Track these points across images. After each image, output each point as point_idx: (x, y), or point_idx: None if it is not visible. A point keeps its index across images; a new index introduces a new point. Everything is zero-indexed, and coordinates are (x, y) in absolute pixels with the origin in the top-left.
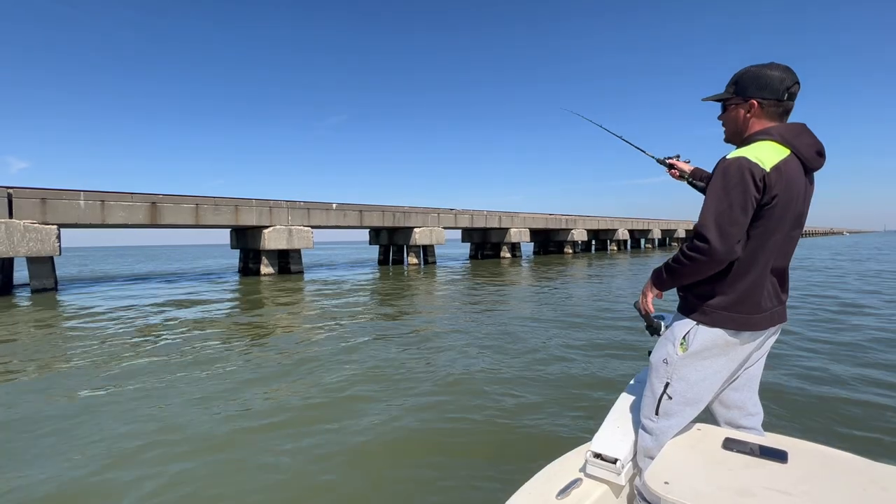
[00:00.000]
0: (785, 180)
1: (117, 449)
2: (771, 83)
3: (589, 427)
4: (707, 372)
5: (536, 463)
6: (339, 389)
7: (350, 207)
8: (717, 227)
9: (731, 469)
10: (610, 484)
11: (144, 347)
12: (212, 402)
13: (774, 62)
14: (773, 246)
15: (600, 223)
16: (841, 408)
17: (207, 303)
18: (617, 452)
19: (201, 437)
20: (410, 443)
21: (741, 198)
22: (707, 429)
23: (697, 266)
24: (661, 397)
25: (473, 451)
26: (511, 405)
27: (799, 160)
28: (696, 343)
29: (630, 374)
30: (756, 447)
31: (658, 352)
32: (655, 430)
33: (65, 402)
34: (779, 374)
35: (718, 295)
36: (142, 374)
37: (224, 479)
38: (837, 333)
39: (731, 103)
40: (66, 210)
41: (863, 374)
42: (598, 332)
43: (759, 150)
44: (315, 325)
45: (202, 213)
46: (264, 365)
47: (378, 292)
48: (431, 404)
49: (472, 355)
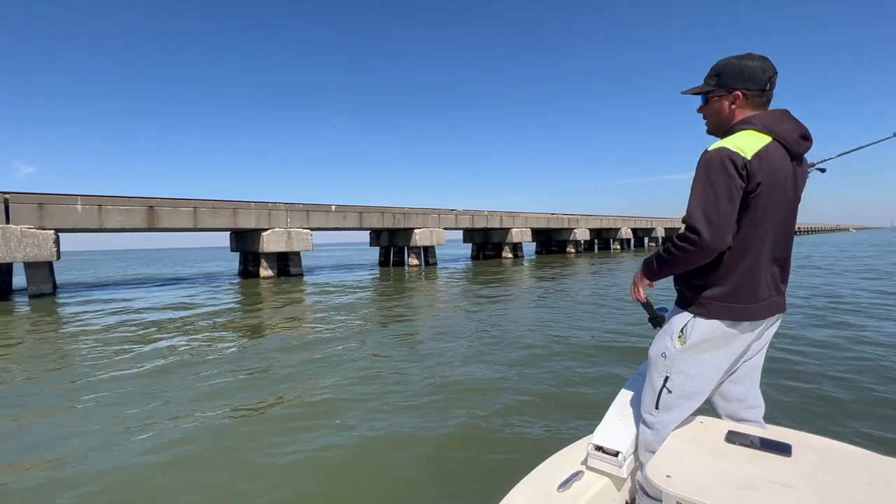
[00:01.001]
0: (767, 167)
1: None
2: (754, 73)
3: (587, 426)
4: (706, 365)
5: (537, 458)
6: (333, 390)
7: (349, 209)
8: (706, 218)
9: (734, 462)
10: (611, 477)
11: (132, 353)
12: (198, 405)
13: (751, 53)
14: (764, 234)
15: (603, 222)
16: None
17: (201, 306)
18: (618, 445)
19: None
20: (408, 441)
21: (726, 188)
22: (709, 422)
23: (688, 256)
24: (661, 391)
25: (473, 448)
26: (505, 406)
27: (782, 146)
28: (693, 336)
29: (631, 370)
30: (759, 440)
31: (656, 346)
32: (656, 425)
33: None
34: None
35: (714, 286)
36: (126, 381)
37: (203, 481)
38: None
39: (714, 95)
40: (63, 215)
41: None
42: (597, 332)
43: (740, 140)
44: (308, 328)
45: (200, 217)
46: (245, 369)
47: (372, 295)
48: (424, 405)
49: (464, 358)
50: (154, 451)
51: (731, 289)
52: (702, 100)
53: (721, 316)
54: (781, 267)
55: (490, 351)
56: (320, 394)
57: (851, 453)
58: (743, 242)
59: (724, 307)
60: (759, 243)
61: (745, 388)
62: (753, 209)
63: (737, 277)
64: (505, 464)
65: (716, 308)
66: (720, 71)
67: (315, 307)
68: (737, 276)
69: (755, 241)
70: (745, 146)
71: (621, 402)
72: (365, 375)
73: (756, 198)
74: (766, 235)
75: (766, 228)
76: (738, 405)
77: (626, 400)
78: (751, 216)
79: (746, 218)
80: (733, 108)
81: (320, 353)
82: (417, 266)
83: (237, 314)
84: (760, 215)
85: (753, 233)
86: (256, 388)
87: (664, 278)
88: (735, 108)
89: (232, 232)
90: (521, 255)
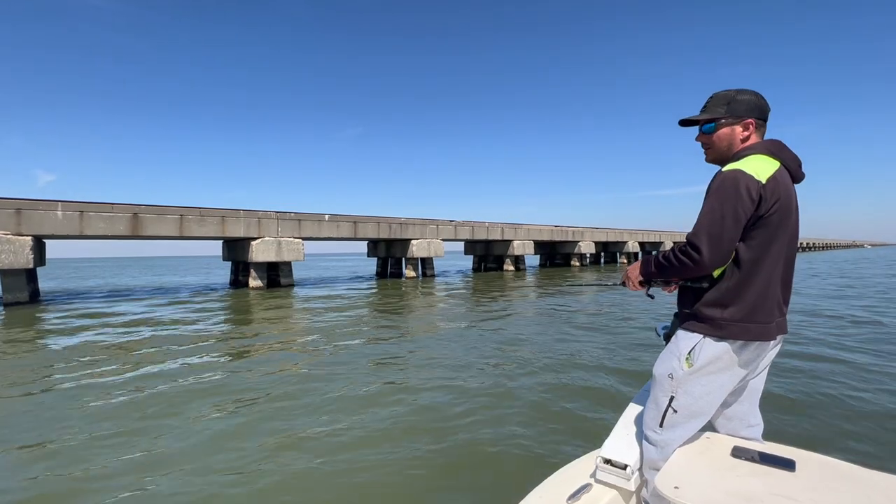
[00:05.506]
0: (781, 190)
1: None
2: (760, 105)
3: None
4: (713, 386)
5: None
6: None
7: (343, 218)
8: (709, 238)
9: (740, 476)
10: (619, 489)
11: (93, 369)
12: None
13: (744, 89)
14: (777, 254)
15: (609, 235)
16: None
17: (172, 325)
18: (626, 458)
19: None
20: (414, 460)
21: (734, 210)
22: (716, 437)
23: (685, 270)
24: (666, 411)
25: (479, 463)
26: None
27: (787, 172)
28: (701, 358)
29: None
30: (764, 455)
31: (662, 365)
32: (660, 443)
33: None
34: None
35: (730, 306)
36: (85, 397)
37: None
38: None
39: (724, 122)
40: (42, 221)
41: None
42: (596, 348)
43: (755, 163)
44: (285, 343)
45: (186, 225)
46: (218, 392)
47: (360, 308)
48: (412, 424)
49: (451, 374)
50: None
51: (749, 309)
52: (705, 129)
53: (737, 336)
54: (786, 288)
55: (460, 386)
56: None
57: (852, 470)
58: (756, 262)
59: (742, 328)
60: (773, 264)
61: (745, 407)
62: (766, 230)
63: (753, 298)
64: (513, 479)
65: (733, 329)
66: (730, 100)
67: (294, 321)
68: (753, 297)
69: (769, 262)
70: (760, 170)
71: (629, 416)
72: (322, 406)
73: (769, 219)
74: (780, 256)
75: (779, 249)
76: (739, 423)
77: (633, 414)
78: (763, 237)
79: (759, 238)
80: (746, 134)
81: (286, 374)
82: (415, 278)
83: (213, 327)
84: (772, 235)
85: (766, 253)
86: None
87: (656, 279)
88: (747, 134)
89: (224, 241)
90: (523, 268)
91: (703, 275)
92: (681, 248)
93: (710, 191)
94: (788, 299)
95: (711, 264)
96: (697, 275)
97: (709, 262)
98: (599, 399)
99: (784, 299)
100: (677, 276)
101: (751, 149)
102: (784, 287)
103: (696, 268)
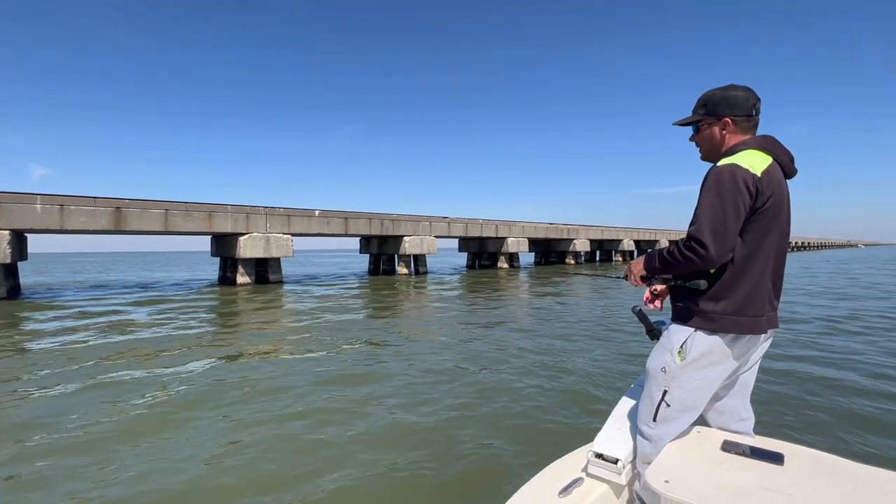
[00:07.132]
0: (775, 184)
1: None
2: (739, 101)
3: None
4: (705, 380)
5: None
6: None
7: (334, 214)
8: (713, 233)
9: (730, 470)
10: (611, 484)
11: (67, 369)
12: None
13: (734, 84)
14: (768, 248)
15: (604, 233)
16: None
17: (162, 312)
18: (618, 453)
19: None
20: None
21: (735, 203)
22: (706, 431)
23: (690, 265)
24: (660, 405)
25: (470, 461)
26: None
27: (780, 167)
28: (693, 351)
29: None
30: (753, 449)
31: (655, 360)
32: (653, 437)
33: None
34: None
35: (722, 300)
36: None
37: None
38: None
39: (705, 123)
40: (20, 214)
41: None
42: (589, 348)
43: (749, 157)
44: (262, 343)
45: (171, 220)
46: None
47: (349, 307)
48: (402, 425)
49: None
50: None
51: (741, 303)
52: (693, 130)
53: (729, 330)
54: (777, 282)
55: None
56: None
57: (841, 463)
58: (751, 256)
59: (734, 321)
60: (765, 257)
61: (737, 400)
62: (760, 224)
63: (745, 291)
64: (505, 473)
65: (725, 322)
66: (707, 101)
67: (277, 319)
68: (745, 290)
69: (761, 256)
70: (754, 164)
71: (621, 410)
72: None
73: (763, 213)
74: (771, 250)
75: (771, 242)
76: (730, 417)
77: (625, 409)
78: (757, 231)
79: (755, 232)
80: (724, 133)
81: (261, 374)
82: (407, 275)
83: (196, 325)
84: (765, 229)
85: (759, 247)
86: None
87: (659, 275)
88: (726, 133)
89: (213, 236)
90: (517, 266)
91: (707, 269)
92: (684, 243)
93: (706, 185)
94: (780, 294)
95: (719, 258)
96: (703, 269)
97: (716, 256)
98: (591, 396)
99: (775, 294)
100: (682, 272)
101: (744, 144)
102: (775, 281)
103: (703, 263)
